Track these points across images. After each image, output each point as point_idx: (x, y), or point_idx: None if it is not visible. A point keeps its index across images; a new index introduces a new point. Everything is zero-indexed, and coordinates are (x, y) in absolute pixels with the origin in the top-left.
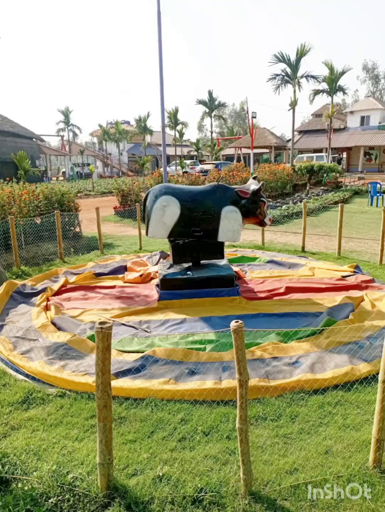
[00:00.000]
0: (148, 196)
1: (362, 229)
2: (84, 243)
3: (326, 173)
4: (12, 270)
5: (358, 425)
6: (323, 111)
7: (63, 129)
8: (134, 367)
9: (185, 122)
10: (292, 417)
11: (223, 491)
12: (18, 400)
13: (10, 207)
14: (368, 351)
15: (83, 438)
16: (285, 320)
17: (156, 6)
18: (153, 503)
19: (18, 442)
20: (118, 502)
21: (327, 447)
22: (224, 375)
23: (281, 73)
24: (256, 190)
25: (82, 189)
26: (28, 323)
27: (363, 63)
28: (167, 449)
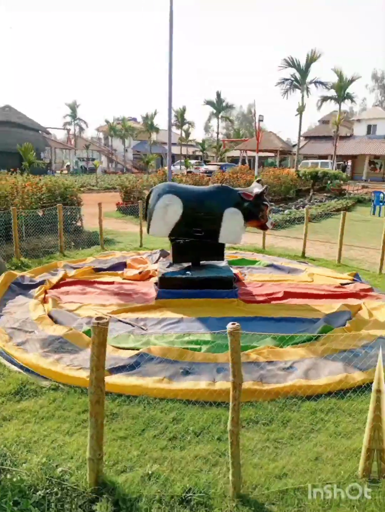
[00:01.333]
0: (151, 194)
1: (363, 238)
2: (85, 237)
3: (330, 180)
4: (11, 261)
5: (350, 433)
6: (330, 118)
7: (70, 123)
8: (129, 364)
9: (192, 122)
10: (284, 422)
11: (211, 492)
12: (11, 391)
13: (13, 198)
14: (363, 359)
15: (74, 432)
16: (282, 325)
17: (169, 5)
18: (141, 500)
19: (9, 433)
20: (106, 498)
21: (317, 454)
22: (218, 377)
23: (290, 78)
24: (260, 193)
25: (85, 183)
26: (25, 314)
27: (372, 72)
28: (158, 448)
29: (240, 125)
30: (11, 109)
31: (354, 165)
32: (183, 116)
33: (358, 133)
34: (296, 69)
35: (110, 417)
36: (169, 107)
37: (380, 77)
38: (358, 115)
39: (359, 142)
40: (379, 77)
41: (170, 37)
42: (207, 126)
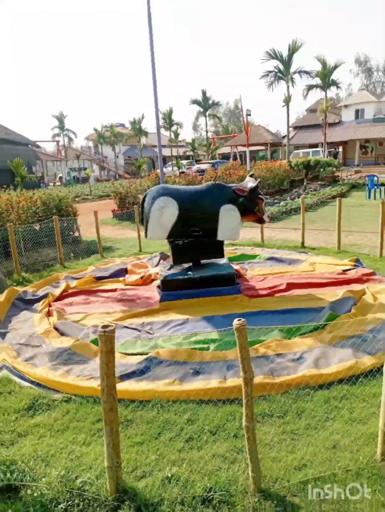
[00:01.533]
0: (146, 198)
1: (361, 223)
2: (84, 247)
3: (322, 168)
4: (12, 277)
5: (365, 419)
6: (318, 106)
7: (58, 134)
8: (139, 369)
9: (180, 122)
10: (298, 413)
11: (232, 489)
12: (24, 407)
13: (8, 214)
14: (372, 344)
15: (90, 442)
16: (287, 317)
17: (146, 8)
18: (163, 504)
19: (25, 449)
20: (128, 505)
21: (334, 442)
22: (228, 374)
23: (274, 70)
24: (254, 187)
25: (79, 193)
26: (31, 329)
27: (355, 56)
28: (175, 450)
29: (228, 121)
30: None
31: (345, 151)
32: (171, 117)
33: (347, 119)
34: (279, 60)
35: (125, 423)
36: (156, 110)
37: (363, 61)
38: (345, 100)
39: (348, 127)
40: (362, 61)
41: (151, 40)
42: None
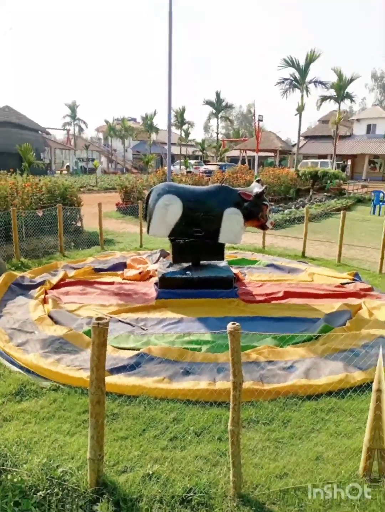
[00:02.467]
0: (151, 194)
1: (363, 237)
2: (85, 238)
3: (330, 179)
4: (11, 262)
5: (350, 433)
6: (330, 118)
7: (69, 123)
8: (129, 364)
9: (191, 122)
10: (284, 422)
11: (212, 492)
12: (11, 391)
13: (12, 198)
14: (364, 359)
15: (74, 432)
16: (282, 325)
17: (168, 6)
18: (141, 501)
19: (9, 434)
20: (106, 498)
21: (318, 453)
22: (218, 377)
23: (289, 78)
24: (259, 193)
25: (85, 184)
26: (25, 315)
27: (372, 71)
28: (158, 448)
29: (240, 125)
30: (11, 110)
31: (354, 164)
32: (183, 116)
33: (358, 133)
34: (295, 68)
35: (110, 417)
36: (168, 107)
37: (379, 76)
38: (357, 114)
39: (359, 141)
40: (378, 77)
41: (170, 37)
42: (206, 126)
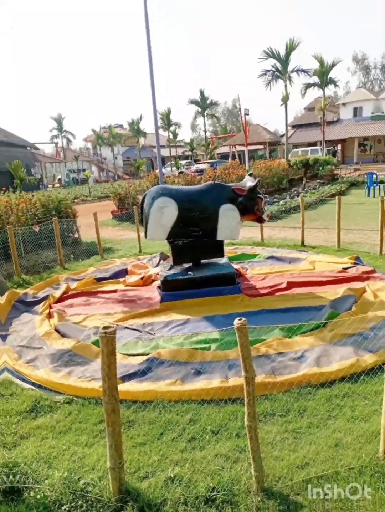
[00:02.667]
0: (145, 199)
1: (360, 220)
2: (84, 248)
3: (321, 166)
4: (13, 280)
5: (367, 416)
6: (316, 105)
7: (57, 136)
8: (140, 370)
9: (178, 122)
10: (300, 412)
11: (235, 489)
12: (26, 409)
13: (7, 216)
14: (373, 341)
15: (92, 443)
16: (288, 315)
17: (143, 9)
18: (166, 504)
19: (28, 451)
20: (131, 506)
21: (337, 440)
22: (230, 373)
23: (271, 69)
24: (253, 187)
25: (78, 195)
26: (31, 331)
27: (352, 54)
28: (177, 450)
29: (227, 121)
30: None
31: (344, 149)
32: (169, 117)
33: (345, 117)
34: (276, 59)
35: (127, 424)
36: (154, 110)
37: (360, 58)
38: (343, 98)
39: (347, 125)
40: (360, 59)
41: (148, 41)
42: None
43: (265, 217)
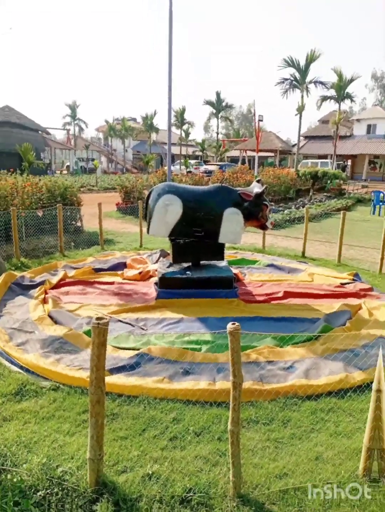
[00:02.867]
0: (151, 194)
1: (363, 237)
2: (85, 238)
3: (330, 179)
4: (11, 262)
5: (350, 433)
6: (330, 118)
7: (69, 123)
8: (129, 364)
9: (191, 122)
10: (284, 422)
11: (211, 492)
12: (11, 391)
13: (12, 198)
14: (364, 359)
15: (74, 432)
16: (282, 325)
17: (168, 6)
18: (141, 501)
19: (9, 434)
20: (106, 498)
21: (317, 454)
22: (218, 377)
23: (289, 78)
24: (259, 193)
25: (85, 183)
26: (25, 315)
27: (372, 72)
28: (158, 448)
29: (240, 125)
30: (11, 110)
31: (354, 164)
32: (183, 116)
33: (358, 133)
34: (295, 68)
35: (110, 417)
36: (169, 107)
37: (379, 76)
38: (357, 114)
39: (359, 141)
40: (378, 77)
41: (170, 37)
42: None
43: (268, 225)
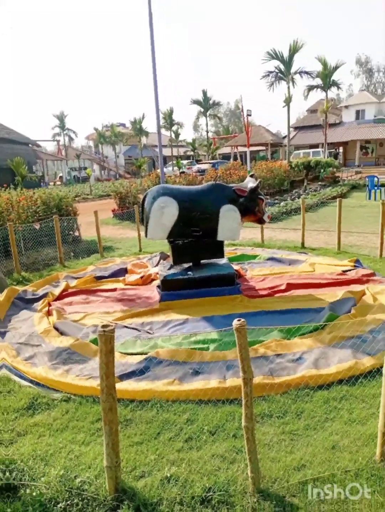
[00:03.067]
0: (146, 198)
1: (361, 223)
2: (84, 247)
3: (323, 168)
4: (12, 277)
5: (364, 419)
6: (318, 107)
7: (59, 134)
8: (138, 369)
9: (180, 122)
10: (297, 414)
11: (231, 490)
12: (23, 406)
13: (8, 213)
14: (371, 344)
15: (89, 442)
16: (287, 317)
17: (148, 7)
18: (162, 504)
19: (24, 448)
20: (127, 505)
21: (333, 442)
22: (228, 374)
23: (274, 70)
24: (254, 188)
25: (80, 193)
26: (30, 329)
27: (356, 57)
28: (174, 450)
29: (229, 122)
30: (0, 125)
31: (346, 151)
32: (171, 117)
33: (347, 119)
34: (279, 60)
35: (124, 423)
36: (156, 109)
37: (364, 61)
38: (345, 101)
39: (349, 128)
40: (363, 62)
41: (152, 40)
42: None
43: (265, 218)
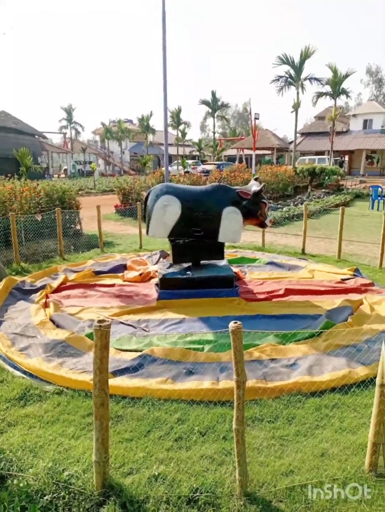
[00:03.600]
0: (149, 195)
1: (362, 233)
2: (84, 241)
3: (327, 175)
4: (11, 267)
5: (355, 429)
6: (326, 114)
7: (66, 127)
8: (132, 366)
9: (187, 122)
10: (289, 419)
11: (218, 491)
12: (15, 396)
13: (11, 203)
14: (366, 354)
15: (79, 436)
16: (283, 322)
17: (162, 6)
18: (148, 502)
19: (14, 439)
20: (113, 501)
21: (323, 450)
22: (221, 376)
23: (284, 75)
24: (258, 191)
25: (83, 186)
26: (27, 319)
27: (367, 67)
28: (163, 449)
29: (236, 124)
30: (7, 115)
31: (351, 160)
32: (179, 116)
33: (354, 128)
34: (290, 66)
35: (115, 419)
36: (164, 108)
37: (374, 71)
38: (353, 110)
39: (356, 137)
40: (373, 72)
41: (164, 38)
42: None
43: (267, 223)
